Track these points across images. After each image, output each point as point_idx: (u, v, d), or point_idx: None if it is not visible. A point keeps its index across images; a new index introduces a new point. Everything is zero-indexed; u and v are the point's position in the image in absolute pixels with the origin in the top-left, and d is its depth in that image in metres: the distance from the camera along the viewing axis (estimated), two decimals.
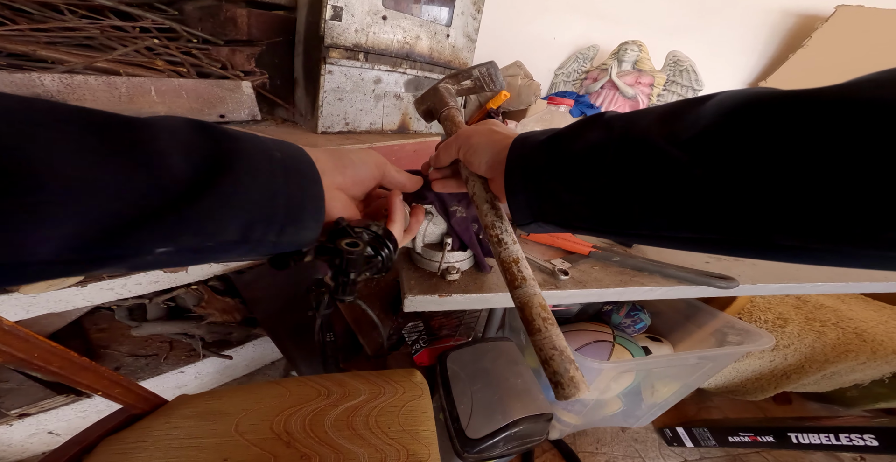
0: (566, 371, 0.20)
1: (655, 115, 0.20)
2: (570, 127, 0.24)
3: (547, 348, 0.20)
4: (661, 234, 0.20)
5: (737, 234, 0.17)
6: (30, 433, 0.71)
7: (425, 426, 0.48)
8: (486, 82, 0.40)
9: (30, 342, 0.34)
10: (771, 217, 0.15)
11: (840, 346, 0.83)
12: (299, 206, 0.20)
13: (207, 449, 0.42)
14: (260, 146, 0.19)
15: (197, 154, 0.16)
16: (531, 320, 0.22)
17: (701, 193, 0.17)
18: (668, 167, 0.18)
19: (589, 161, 0.21)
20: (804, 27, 1.19)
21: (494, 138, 0.28)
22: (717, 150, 0.16)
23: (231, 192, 0.17)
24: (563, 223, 0.24)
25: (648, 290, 0.46)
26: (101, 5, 0.49)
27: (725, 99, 0.17)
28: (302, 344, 0.91)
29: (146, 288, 0.68)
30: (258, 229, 0.18)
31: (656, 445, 0.96)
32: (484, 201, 0.28)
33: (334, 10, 0.61)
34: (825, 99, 0.14)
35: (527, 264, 0.25)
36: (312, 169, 0.22)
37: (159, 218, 0.15)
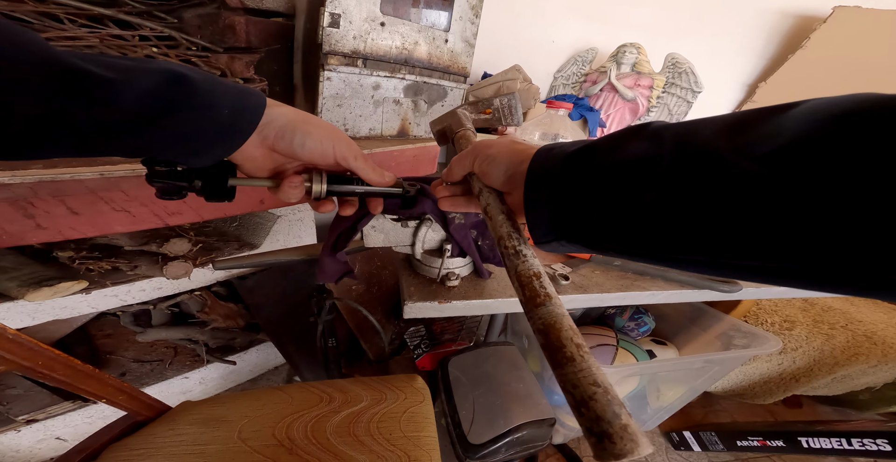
0: (616, 417, 0.14)
1: (720, 124, 0.17)
2: (608, 138, 0.22)
3: (584, 384, 0.15)
4: (719, 261, 0.17)
5: (835, 266, 0.14)
6: (38, 439, 0.72)
7: (427, 432, 0.48)
8: (504, 114, 0.40)
9: (33, 350, 0.35)
10: (888, 247, 0.12)
11: (850, 348, 0.81)
12: (206, 151, 0.25)
13: (211, 455, 0.42)
14: (213, 103, 0.23)
15: (152, 100, 0.21)
16: (561, 347, 0.17)
17: (782, 214, 0.14)
18: (739, 183, 0.15)
19: (632, 176, 0.19)
20: (802, 28, 1.19)
21: (516, 149, 0.26)
22: (808, 163, 0.14)
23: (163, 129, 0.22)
24: (592, 244, 0.22)
25: (651, 294, 0.46)
26: (100, 14, 0.50)
27: (817, 106, 0.15)
28: (304, 349, 0.91)
29: (150, 294, 0.69)
30: (159, 153, 0.24)
31: (663, 449, 0.95)
32: (499, 212, 0.26)
33: (332, 17, 0.62)
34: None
35: (549, 281, 0.21)
36: (249, 124, 0.25)
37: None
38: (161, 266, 0.66)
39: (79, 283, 0.59)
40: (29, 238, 0.40)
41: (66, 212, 0.41)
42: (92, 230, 0.43)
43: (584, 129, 1.06)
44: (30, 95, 0.18)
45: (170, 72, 0.22)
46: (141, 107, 0.20)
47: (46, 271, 0.59)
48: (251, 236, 0.82)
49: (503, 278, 0.45)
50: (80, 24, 0.48)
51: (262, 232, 0.81)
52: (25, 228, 0.39)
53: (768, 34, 1.23)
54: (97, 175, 0.41)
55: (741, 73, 1.30)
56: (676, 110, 1.15)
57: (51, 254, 0.62)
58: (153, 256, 0.70)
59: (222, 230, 0.84)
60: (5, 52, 0.17)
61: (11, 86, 0.17)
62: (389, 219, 0.40)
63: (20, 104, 0.18)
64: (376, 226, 0.40)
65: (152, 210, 0.45)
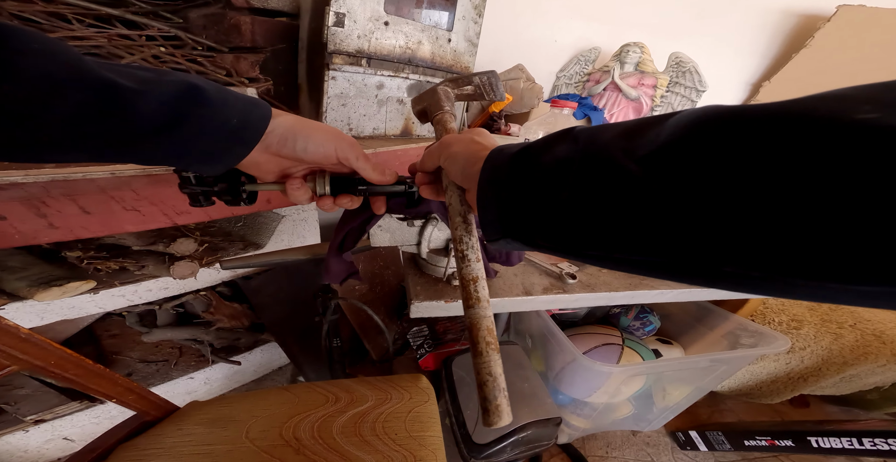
0: (494, 398, 0.20)
1: (620, 129, 0.19)
2: (543, 139, 0.23)
3: (483, 373, 0.21)
4: (612, 256, 0.19)
5: (683, 258, 0.16)
6: (45, 439, 0.73)
7: (432, 432, 0.48)
8: (486, 90, 0.39)
9: (46, 350, 0.35)
10: (721, 243, 0.14)
11: (859, 348, 0.80)
12: (216, 159, 0.26)
13: (219, 456, 0.42)
14: (224, 114, 0.25)
15: (166, 109, 0.23)
16: (476, 343, 0.22)
17: (651, 211, 0.16)
18: (623, 182, 0.17)
19: (554, 175, 0.20)
20: (806, 27, 1.18)
21: (472, 149, 0.27)
22: (670, 166, 0.15)
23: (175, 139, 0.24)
24: (528, 241, 0.23)
25: (659, 293, 0.45)
26: (107, 14, 0.50)
27: (685, 115, 0.17)
28: (308, 349, 0.91)
29: (157, 294, 0.69)
30: (173, 162, 0.26)
31: (669, 449, 0.95)
32: (457, 214, 0.27)
33: (337, 16, 0.62)
34: (776, 114, 0.13)
35: (485, 285, 0.25)
36: (255, 135, 0.26)
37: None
38: (168, 266, 0.67)
39: (87, 283, 0.59)
40: (41, 237, 0.40)
41: (78, 211, 0.41)
42: (103, 229, 0.43)
43: None
44: (63, 105, 0.20)
45: (186, 83, 0.23)
46: (158, 116, 0.22)
47: (55, 271, 0.59)
48: (256, 236, 0.82)
49: (509, 277, 0.45)
50: (87, 24, 0.49)
51: (267, 232, 0.81)
52: (38, 228, 0.40)
53: (772, 33, 1.23)
54: (108, 174, 0.41)
55: (745, 72, 1.29)
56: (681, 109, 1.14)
57: (59, 254, 0.62)
58: (160, 256, 0.70)
59: (227, 230, 0.85)
60: (45, 65, 0.19)
61: (48, 97, 0.19)
62: (395, 218, 0.40)
63: (54, 113, 0.20)
64: (382, 225, 0.40)
65: (161, 209, 0.45)
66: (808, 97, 0.13)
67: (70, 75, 0.20)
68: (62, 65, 0.20)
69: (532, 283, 0.44)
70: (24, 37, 0.19)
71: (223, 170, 0.28)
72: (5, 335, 0.32)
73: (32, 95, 0.19)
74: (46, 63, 0.19)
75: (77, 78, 0.20)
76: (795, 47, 1.18)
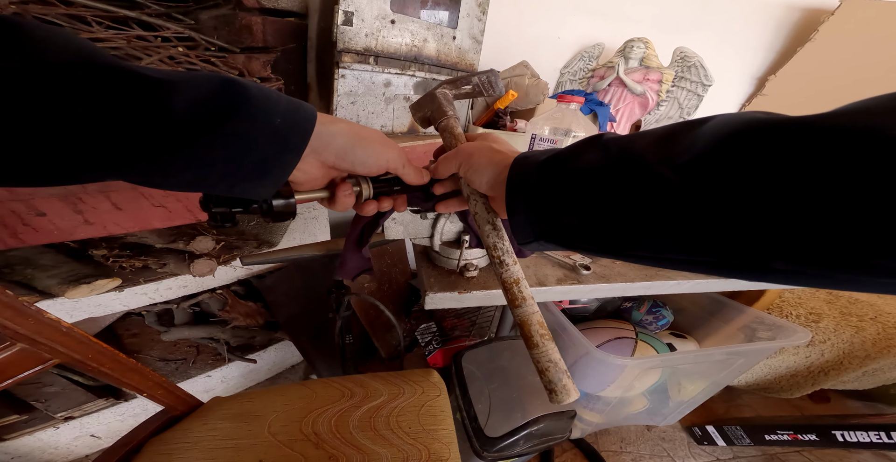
0: (559, 380, 0.23)
1: (653, 137, 0.20)
2: (570, 148, 0.24)
3: (543, 361, 0.23)
4: (658, 256, 0.20)
5: (732, 258, 0.17)
6: (74, 436, 0.75)
7: (444, 425, 0.48)
8: (486, 89, 0.40)
9: (85, 344, 0.36)
10: (767, 242, 0.15)
11: (881, 341, 0.78)
12: (263, 171, 0.22)
13: (244, 450, 0.43)
14: (267, 113, 0.21)
15: (204, 107, 0.19)
16: (530, 336, 0.24)
17: (695, 217, 0.17)
18: (663, 190, 0.18)
19: (587, 182, 0.22)
20: (810, 21, 1.17)
21: (496, 158, 0.28)
22: (710, 176, 0.16)
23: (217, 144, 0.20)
24: (565, 243, 0.24)
25: (676, 283, 0.45)
26: (124, 16, 0.52)
27: (720, 124, 0.17)
28: (321, 347, 0.93)
29: (176, 292, 0.71)
30: (216, 180, 0.22)
31: (685, 444, 0.93)
32: (486, 222, 0.29)
33: (346, 14, 0.62)
34: (815, 126, 0.14)
35: (526, 284, 0.26)
36: (302, 140, 0.23)
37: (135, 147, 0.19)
38: (187, 264, 0.68)
39: (113, 281, 0.61)
40: (77, 233, 0.41)
41: (111, 207, 0.42)
42: (133, 225, 0.44)
43: (594, 123, 1.05)
44: (73, 99, 0.17)
45: (219, 77, 0.20)
46: (192, 113, 0.19)
47: (83, 269, 0.61)
48: (269, 235, 0.84)
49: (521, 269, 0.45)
50: (106, 25, 0.50)
51: (280, 230, 0.82)
52: (75, 224, 0.41)
53: (776, 27, 1.22)
54: None
55: (750, 66, 1.28)
56: (687, 104, 1.13)
57: (86, 252, 0.64)
58: (180, 254, 0.72)
59: (241, 229, 0.86)
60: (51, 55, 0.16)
61: (53, 89, 0.16)
62: (409, 211, 0.40)
63: (63, 111, 0.17)
64: (396, 218, 0.40)
65: (186, 205, 0.46)
66: (841, 110, 0.14)
67: (78, 61, 0.17)
68: (79, 54, 0.17)
69: (545, 274, 0.44)
70: (38, 29, 0.17)
71: (273, 188, 0.24)
72: (48, 329, 0.33)
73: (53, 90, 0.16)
74: (65, 54, 0.17)
75: (86, 64, 0.17)
76: (800, 41, 1.17)
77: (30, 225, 0.38)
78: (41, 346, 0.32)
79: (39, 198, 0.37)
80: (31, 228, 0.38)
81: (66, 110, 0.17)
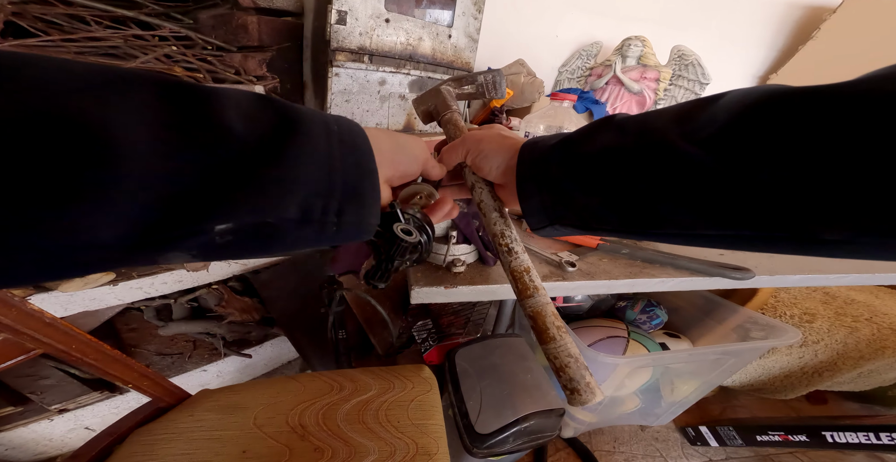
0: (582, 377, 0.20)
1: (670, 115, 0.20)
2: (581, 131, 0.24)
3: (562, 356, 0.21)
4: (687, 232, 0.19)
5: (775, 229, 0.16)
6: (69, 428, 0.76)
7: (434, 420, 0.49)
8: (489, 89, 0.40)
9: (69, 334, 0.37)
10: (811, 212, 0.15)
11: (875, 342, 0.78)
12: (356, 183, 0.19)
13: (228, 441, 0.44)
14: (317, 119, 0.19)
15: (259, 124, 0.16)
16: (545, 329, 0.22)
17: (728, 191, 0.17)
18: (690, 166, 0.17)
19: (604, 163, 0.21)
20: (812, 18, 1.17)
21: (505, 144, 0.28)
22: (740, 147, 0.16)
23: (290, 162, 0.16)
24: (582, 225, 0.24)
25: (660, 281, 0.45)
26: (123, 16, 0.53)
27: (739, 96, 0.17)
28: (316, 342, 0.93)
29: (172, 287, 0.72)
30: (317, 206, 0.17)
31: (678, 445, 0.93)
32: (492, 210, 0.28)
33: (339, 14, 0.63)
34: (844, 94, 0.14)
35: (537, 274, 0.25)
36: (366, 145, 0.21)
37: (220, 189, 0.14)
38: None
39: (107, 275, 0.62)
40: None
41: None
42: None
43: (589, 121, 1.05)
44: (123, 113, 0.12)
45: (252, 92, 0.17)
46: (256, 133, 0.15)
47: None
48: None
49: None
50: (105, 25, 0.51)
51: None
52: None
53: (778, 25, 1.21)
54: None
55: (751, 64, 1.27)
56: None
57: None
58: None
59: None
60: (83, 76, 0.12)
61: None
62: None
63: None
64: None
65: None
66: (863, 77, 0.14)
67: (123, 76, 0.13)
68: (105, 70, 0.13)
69: None
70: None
71: (377, 205, 0.21)
72: (31, 319, 0.33)
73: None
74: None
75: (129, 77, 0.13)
76: (802, 39, 1.16)
77: None
78: (24, 337, 0.33)
79: None
80: None
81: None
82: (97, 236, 0.12)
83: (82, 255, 0.12)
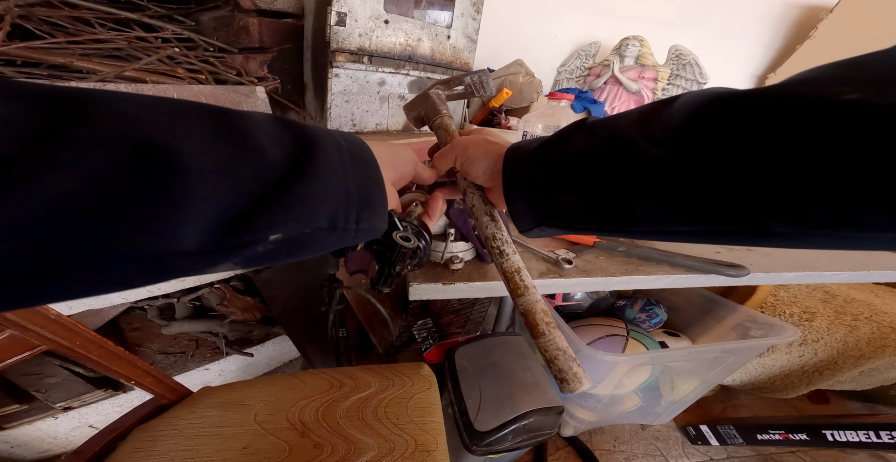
0: (570, 368, 0.22)
1: (632, 118, 0.21)
2: (557, 134, 0.25)
3: (551, 349, 0.23)
4: (662, 228, 0.20)
5: (728, 224, 0.17)
6: (73, 426, 0.77)
7: (433, 417, 0.49)
8: (477, 89, 0.40)
9: (73, 331, 0.38)
10: (754, 205, 0.16)
11: (875, 340, 0.78)
12: (367, 193, 0.21)
13: (229, 437, 0.44)
14: (328, 136, 0.20)
15: (285, 144, 0.18)
16: (535, 325, 0.23)
17: (684, 188, 0.18)
18: (654, 166, 0.19)
19: (578, 165, 0.22)
20: (810, 18, 1.18)
21: (490, 149, 0.29)
22: (690, 148, 0.17)
23: (317, 178, 0.18)
24: (566, 225, 0.25)
25: (655, 278, 0.46)
26: (126, 18, 0.54)
27: (689, 100, 0.18)
28: (317, 341, 0.94)
29: (174, 286, 0.73)
30: (341, 215, 0.19)
31: (679, 444, 0.93)
32: (483, 214, 0.29)
33: (339, 15, 0.64)
34: (769, 97, 0.15)
35: (527, 273, 0.26)
36: (372, 157, 0.23)
37: (270, 204, 0.16)
38: None
39: None
40: None
41: None
42: None
43: None
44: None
45: (269, 115, 0.19)
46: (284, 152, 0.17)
47: None
48: None
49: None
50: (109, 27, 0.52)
51: None
52: None
53: (775, 25, 1.22)
54: None
55: (749, 64, 1.28)
56: None
57: None
58: None
59: None
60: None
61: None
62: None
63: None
64: None
65: None
66: (789, 80, 0.16)
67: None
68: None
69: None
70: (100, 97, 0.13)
71: (385, 210, 0.23)
72: (36, 316, 0.34)
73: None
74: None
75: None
76: (800, 38, 1.17)
77: None
78: (30, 333, 0.34)
79: None
80: None
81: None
82: (179, 243, 0.13)
83: (172, 261, 0.14)
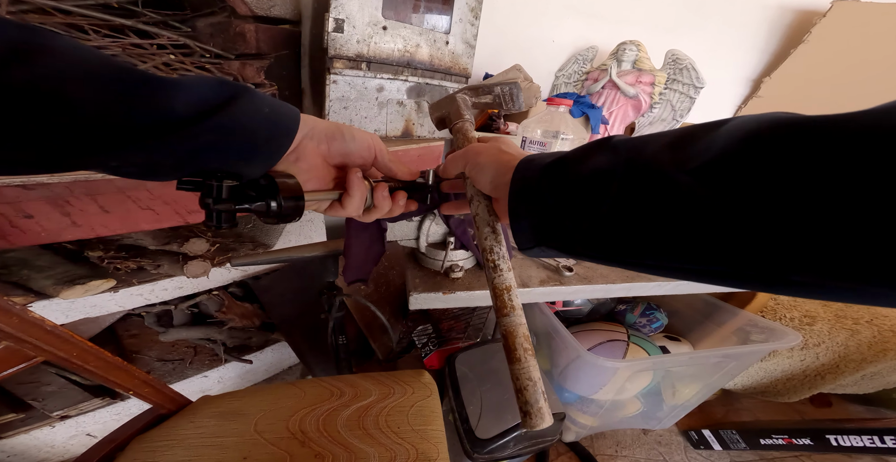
0: (536, 401, 0.21)
1: (666, 140, 0.19)
2: (577, 150, 0.23)
3: (523, 378, 0.22)
4: (665, 264, 0.19)
5: (747, 268, 0.16)
6: (70, 435, 0.76)
7: (434, 425, 0.49)
8: (506, 101, 0.39)
9: (69, 342, 0.37)
10: (786, 253, 0.14)
11: (877, 344, 0.78)
12: (254, 150, 0.23)
13: (228, 448, 0.44)
14: (255, 102, 0.23)
15: (202, 102, 0.21)
16: (513, 349, 0.22)
17: (708, 224, 0.16)
18: (675, 194, 0.17)
19: (593, 186, 0.21)
20: (803, 23, 1.19)
21: (502, 159, 0.27)
22: (727, 179, 0.15)
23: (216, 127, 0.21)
24: (567, 249, 0.23)
25: (657, 285, 0.45)
26: (121, 24, 0.53)
27: (739, 124, 0.16)
28: (316, 348, 0.93)
29: (172, 293, 0.72)
30: (209, 157, 0.22)
31: (681, 448, 0.92)
32: (485, 224, 0.28)
33: (336, 22, 0.64)
34: (853, 127, 0.13)
35: (517, 293, 0.25)
36: (292, 124, 0.25)
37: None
38: (182, 265, 0.70)
39: (107, 282, 0.62)
40: (65, 235, 0.42)
41: (98, 210, 0.43)
42: (121, 227, 0.45)
43: (586, 126, 1.06)
44: (94, 95, 0.18)
45: (214, 78, 0.23)
46: (198, 103, 0.21)
47: (78, 270, 0.62)
48: (265, 237, 0.85)
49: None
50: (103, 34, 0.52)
51: (276, 232, 0.84)
52: (62, 226, 0.42)
53: (769, 29, 1.23)
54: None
55: (744, 68, 1.29)
56: (679, 106, 1.14)
57: (82, 254, 0.66)
58: (174, 256, 0.73)
59: (237, 231, 0.88)
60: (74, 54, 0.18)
61: (80, 84, 0.18)
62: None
63: (86, 104, 0.18)
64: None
65: (174, 208, 0.48)
66: (872, 110, 0.13)
67: (101, 65, 0.19)
68: (91, 55, 0.19)
69: (529, 275, 0.45)
70: (50, 33, 0.18)
71: (262, 169, 0.25)
72: (32, 327, 0.34)
73: (61, 82, 0.17)
74: (77, 53, 0.18)
75: (109, 68, 0.19)
76: (794, 43, 1.18)
77: (17, 227, 0.39)
78: (25, 344, 0.33)
79: (27, 200, 0.39)
80: (19, 230, 0.39)
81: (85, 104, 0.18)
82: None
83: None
